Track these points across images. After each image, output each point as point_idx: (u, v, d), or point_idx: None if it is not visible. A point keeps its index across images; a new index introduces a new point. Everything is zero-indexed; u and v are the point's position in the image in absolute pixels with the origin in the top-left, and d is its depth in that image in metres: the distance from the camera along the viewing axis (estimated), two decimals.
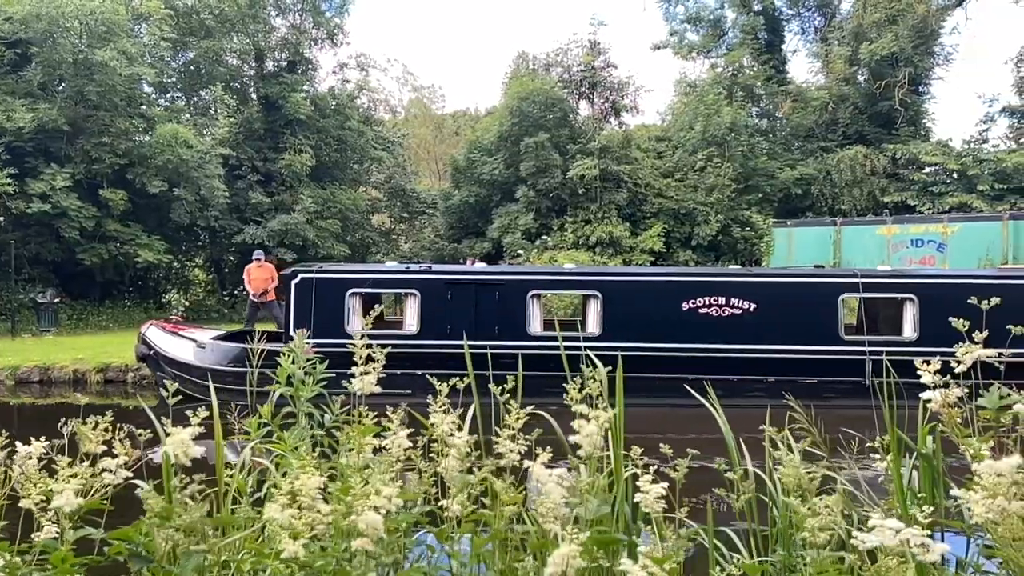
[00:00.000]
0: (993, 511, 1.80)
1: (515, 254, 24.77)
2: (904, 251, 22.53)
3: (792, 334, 11.69)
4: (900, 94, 26.53)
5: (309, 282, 12.07)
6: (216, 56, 25.17)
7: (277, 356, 2.91)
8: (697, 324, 11.82)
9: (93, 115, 20.81)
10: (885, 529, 1.96)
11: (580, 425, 1.73)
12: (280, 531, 1.80)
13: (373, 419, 2.19)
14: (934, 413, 2.72)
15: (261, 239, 23.82)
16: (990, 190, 24.44)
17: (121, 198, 20.84)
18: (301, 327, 12.13)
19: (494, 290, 12.10)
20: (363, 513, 1.64)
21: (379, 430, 2.13)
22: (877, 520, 1.96)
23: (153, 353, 12.79)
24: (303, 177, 25.30)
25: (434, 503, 2.28)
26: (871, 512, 3.22)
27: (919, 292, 11.58)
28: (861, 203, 26.19)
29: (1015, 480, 1.83)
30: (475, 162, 27.53)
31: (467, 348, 3.43)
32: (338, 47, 28.19)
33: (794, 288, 12.12)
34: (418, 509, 2.06)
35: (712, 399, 3.85)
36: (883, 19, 26.12)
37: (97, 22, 19.93)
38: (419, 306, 12.02)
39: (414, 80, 44.21)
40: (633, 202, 25.74)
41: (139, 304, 23.63)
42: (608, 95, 26.88)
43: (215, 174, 22.50)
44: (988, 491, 1.81)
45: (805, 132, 28.83)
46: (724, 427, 3.62)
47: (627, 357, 12.64)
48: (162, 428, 2.19)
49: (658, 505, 2.44)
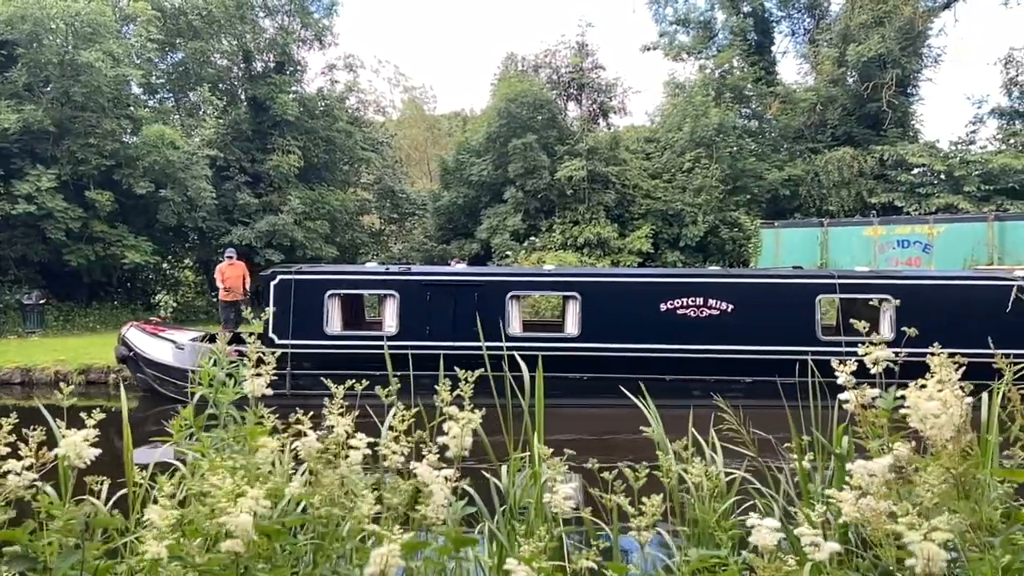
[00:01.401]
0: (862, 511, 1.82)
1: (503, 255, 24.80)
2: (890, 252, 22.58)
3: (770, 335, 11.73)
4: (888, 95, 26.58)
5: (288, 283, 12.08)
6: (204, 57, 25.16)
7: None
8: (675, 325, 11.86)
9: (79, 116, 20.79)
10: (763, 529, 1.99)
11: (448, 426, 1.75)
12: (160, 532, 1.81)
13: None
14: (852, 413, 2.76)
15: (249, 240, 23.81)
16: (977, 191, 24.50)
17: (107, 199, 20.82)
18: (280, 328, 12.17)
19: (473, 291, 12.12)
20: (232, 515, 1.66)
21: (266, 431, 2.14)
22: (755, 520, 1.99)
23: (133, 354, 12.79)
24: (291, 178, 25.30)
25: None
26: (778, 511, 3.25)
27: (896, 292, 11.63)
28: (849, 204, 26.23)
29: (886, 480, 1.86)
30: (464, 163, 27.56)
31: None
32: (326, 48, 28.21)
33: (772, 289, 12.17)
34: (292, 517, 2.06)
35: (648, 400, 3.88)
36: (870, 21, 26.18)
37: (82, 23, 19.91)
38: (398, 307, 12.04)
39: (406, 81, 44.19)
40: (621, 203, 25.79)
41: (127, 305, 23.60)
42: (596, 96, 26.92)
43: (202, 175, 22.48)
44: (857, 491, 1.83)
45: (794, 133, 28.88)
46: (657, 427, 3.65)
47: (606, 358, 12.65)
48: (57, 430, 2.20)
49: (567, 504, 2.47)
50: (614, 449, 9.46)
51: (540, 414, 2.92)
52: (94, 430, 2.13)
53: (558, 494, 2.46)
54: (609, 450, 9.41)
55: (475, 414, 1.74)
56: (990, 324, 9.56)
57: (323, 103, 27.06)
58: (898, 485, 1.84)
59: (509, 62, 28.80)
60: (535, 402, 3.02)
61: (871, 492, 1.83)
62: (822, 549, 2.02)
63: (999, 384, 2.99)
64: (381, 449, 1.89)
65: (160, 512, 1.74)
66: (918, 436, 2.76)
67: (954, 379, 1.86)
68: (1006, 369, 2.98)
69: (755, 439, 3.43)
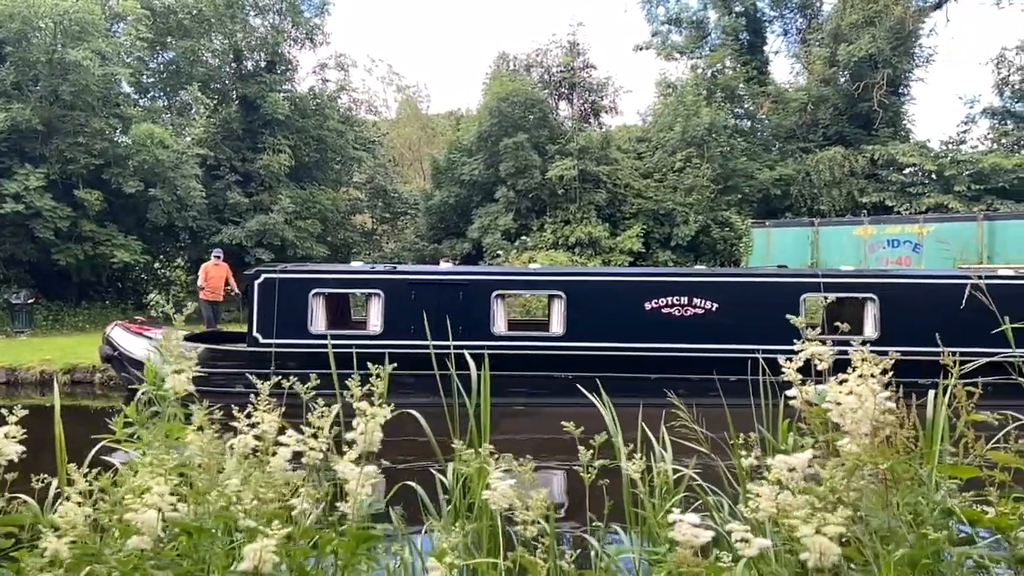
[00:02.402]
0: (779, 505, 1.81)
1: (495, 254, 24.78)
2: (881, 251, 22.60)
3: (754, 334, 11.71)
4: (879, 95, 26.62)
5: (272, 282, 12.05)
6: (195, 56, 25.09)
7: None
8: (660, 324, 11.84)
9: (68, 115, 20.74)
10: (683, 524, 1.97)
11: (356, 423, 1.74)
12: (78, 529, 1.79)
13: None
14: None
15: (239, 240, 23.76)
16: (967, 191, 24.55)
17: (96, 198, 20.76)
18: (264, 327, 12.15)
19: (458, 290, 12.10)
20: (139, 511, 1.64)
21: (187, 430, 2.12)
22: (676, 516, 1.98)
23: (117, 354, 12.74)
24: (282, 177, 25.25)
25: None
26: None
27: (880, 292, 11.63)
28: (840, 204, 26.27)
29: (805, 475, 1.85)
30: (455, 162, 27.54)
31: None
32: (318, 47, 28.17)
33: (756, 288, 12.16)
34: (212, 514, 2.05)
35: (607, 399, 3.87)
36: (861, 20, 26.21)
37: (70, 21, 19.85)
38: (383, 306, 12.01)
39: (399, 80, 44.14)
40: (612, 203, 25.79)
41: (117, 305, 23.54)
42: (587, 96, 26.92)
43: (192, 174, 22.44)
44: (774, 485, 1.83)
45: (785, 133, 28.92)
46: (612, 426, 3.64)
47: (591, 357, 12.62)
48: None
49: (504, 502, 2.47)
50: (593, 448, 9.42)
51: (485, 413, 2.92)
52: (16, 427, 2.12)
53: (496, 491, 2.46)
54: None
55: (383, 410, 1.72)
56: (972, 321, 9.55)
57: (314, 102, 27.02)
58: (815, 481, 1.83)
59: (501, 61, 28.79)
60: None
61: (789, 487, 1.82)
62: (752, 545, 2.02)
63: (945, 381, 2.99)
64: (300, 447, 1.88)
65: (70, 509, 1.72)
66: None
67: (876, 374, 1.85)
68: (951, 366, 2.98)
69: (718, 438, 3.43)
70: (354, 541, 1.61)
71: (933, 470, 2.72)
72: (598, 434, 3.09)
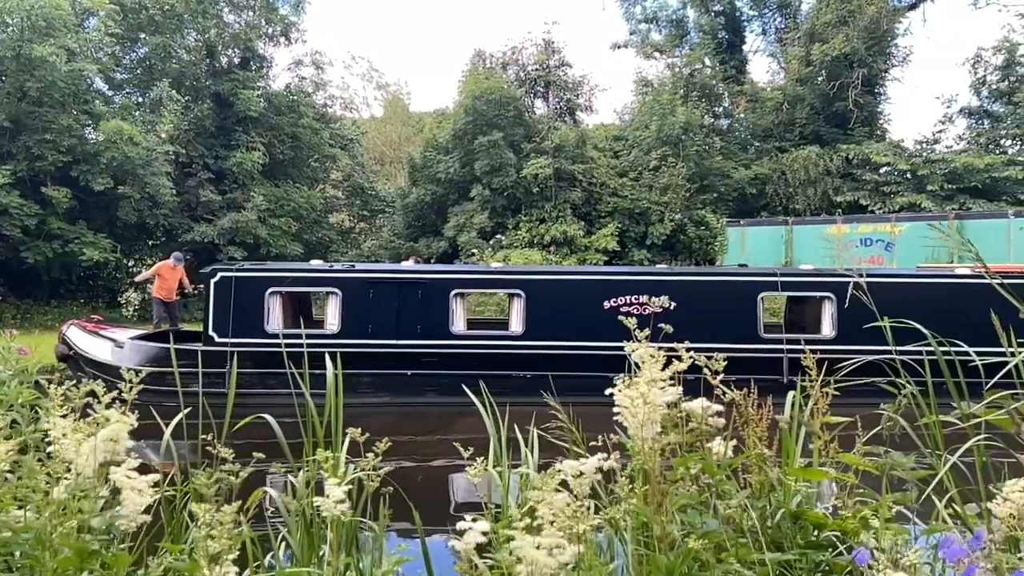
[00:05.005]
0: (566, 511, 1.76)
1: (470, 253, 24.71)
2: (854, 250, 22.65)
3: (712, 332, 11.68)
4: (854, 94, 26.69)
5: (228, 280, 11.92)
6: (167, 52, 24.87)
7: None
8: (619, 323, 11.78)
9: (35, 111, 20.52)
10: (473, 531, 1.92)
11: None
12: None
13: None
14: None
15: (211, 237, 23.59)
16: (940, 190, 24.65)
17: (65, 196, 20.55)
18: (220, 326, 12.03)
19: (416, 289, 12.02)
20: None
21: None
22: (465, 523, 1.92)
23: (73, 353, 12.58)
24: (255, 175, 25.07)
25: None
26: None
27: (838, 291, 11.63)
28: (815, 203, 26.34)
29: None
30: (431, 160, 27.44)
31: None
32: (293, 44, 27.99)
33: (714, 287, 12.15)
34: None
35: (488, 398, 3.82)
36: (835, 20, 26.27)
37: (36, 17, 19.64)
38: (340, 305, 11.92)
39: (379, 77, 43.95)
40: (588, 201, 25.76)
41: (88, 303, 23.30)
42: (563, 94, 26.86)
43: (162, 172, 22.24)
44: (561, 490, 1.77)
45: (763, 132, 28.96)
46: (490, 426, 3.60)
47: (550, 356, 12.50)
48: None
49: (343, 506, 2.41)
50: (549, 447, 9.39)
51: (337, 410, 2.88)
52: None
53: (330, 497, 2.41)
54: (544, 448, 9.34)
55: (129, 417, 1.66)
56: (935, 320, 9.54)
57: (289, 99, 26.84)
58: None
59: (477, 59, 28.69)
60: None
61: (575, 492, 1.77)
62: (565, 551, 1.97)
63: (809, 383, 2.95)
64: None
65: None
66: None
67: (664, 376, 1.80)
68: (810, 367, 2.94)
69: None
70: (75, 554, 1.53)
71: (785, 473, 2.68)
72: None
